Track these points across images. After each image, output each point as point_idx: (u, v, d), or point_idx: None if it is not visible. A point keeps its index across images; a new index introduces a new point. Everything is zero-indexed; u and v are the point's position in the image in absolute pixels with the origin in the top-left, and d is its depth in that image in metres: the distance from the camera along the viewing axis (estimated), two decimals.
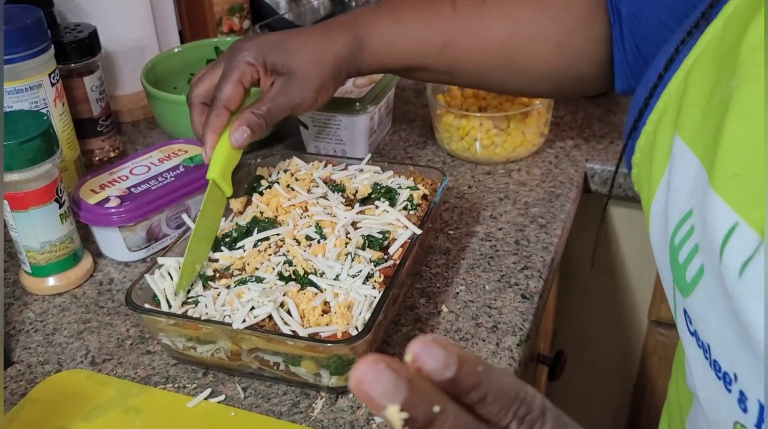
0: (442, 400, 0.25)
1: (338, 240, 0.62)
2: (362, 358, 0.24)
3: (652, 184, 0.46)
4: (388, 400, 0.24)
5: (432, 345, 0.25)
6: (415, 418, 0.24)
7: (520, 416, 0.26)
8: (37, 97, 0.74)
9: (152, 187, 0.72)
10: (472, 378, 0.25)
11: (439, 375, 0.25)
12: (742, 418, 0.37)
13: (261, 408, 0.57)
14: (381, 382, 0.24)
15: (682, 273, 0.41)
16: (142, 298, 0.59)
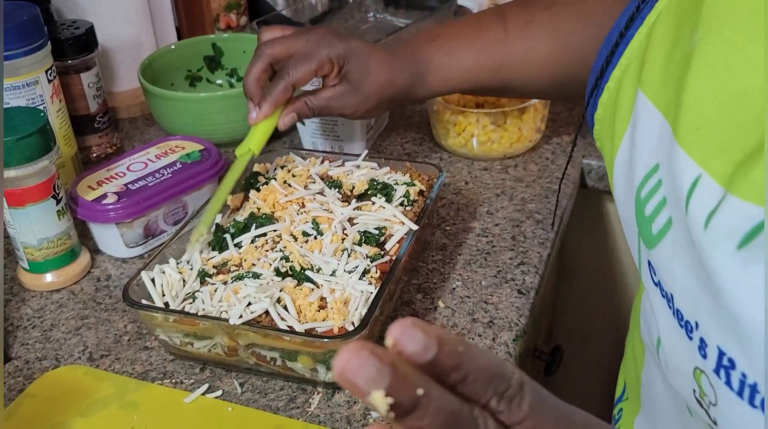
0: (425, 383, 0.25)
1: (335, 236, 0.62)
2: (344, 346, 0.24)
3: (615, 140, 0.47)
4: (372, 386, 0.24)
5: (412, 328, 0.25)
6: (401, 403, 0.24)
7: (500, 392, 0.27)
8: (34, 94, 0.74)
9: (149, 183, 0.72)
10: (453, 358, 0.26)
11: (420, 357, 0.25)
12: (702, 363, 0.38)
13: (258, 403, 0.57)
14: (365, 369, 0.24)
15: (648, 226, 0.42)
16: (140, 294, 0.59)
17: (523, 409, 0.27)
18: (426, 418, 0.25)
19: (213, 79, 0.98)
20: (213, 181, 0.76)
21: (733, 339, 0.34)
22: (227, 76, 0.98)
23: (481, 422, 0.26)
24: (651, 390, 0.54)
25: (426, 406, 0.25)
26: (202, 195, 0.75)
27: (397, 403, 0.24)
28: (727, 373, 0.35)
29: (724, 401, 0.36)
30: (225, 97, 0.84)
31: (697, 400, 0.40)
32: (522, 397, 0.27)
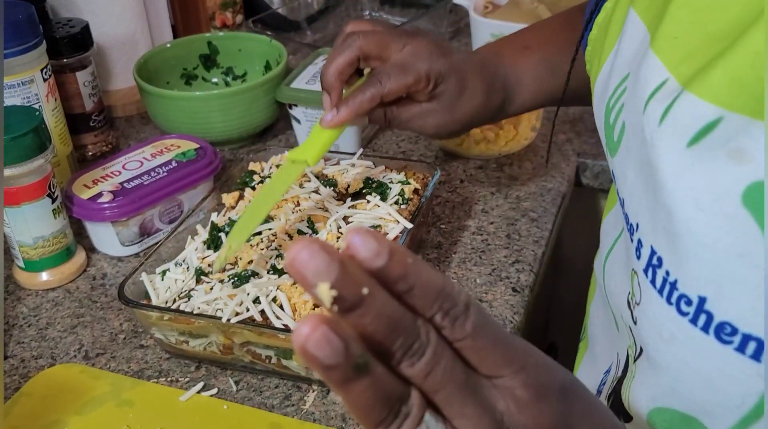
0: (371, 285, 0.26)
1: (330, 234, 0.62)
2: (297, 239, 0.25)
3: (603, 57, 0.48)
4: (319, 277, 0.24)
5: (366, 235, 0.26)
6: (345, 297, 0.25)
7: (445, 309, 0.28)
8: (30, 93, 0.74)
9: (145, 182, 0.72)
10: (401, 268, 0.26)
11: (371, 262, 0.26)
12: (636, 264, 0.39)
13: (253, 401, 0.57)
14: (314, 261, 0.24)
15: (611, 133, 0.43)
16: (135, 292, 0.59)
17: (466, 328, 0.28)
18: (368, 316, 0.26)
19: (209, 77, 0.98)
20: (208, 179, 0.76)
21: (665, 237, 0.36)
22: (223, 74, 0.98)
23: (423, 332, 0.27)
24: (594, 321, 0.56)
25: (369, 305, 0.26)
26: (198, 193, 0.75)
27: (341, 297, 0.25)
28: (654, 272, 0.37)
29: (646, 299, 0.38)
30: (221, 95, 0.84)
31: (628, 302, 0.42)
32: (466, 317, 0.28)
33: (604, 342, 0.53)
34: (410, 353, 0.27)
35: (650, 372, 0.40)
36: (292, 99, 0.84)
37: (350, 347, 0.25)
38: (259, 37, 0.96)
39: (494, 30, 0.97)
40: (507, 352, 0.29)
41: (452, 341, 0.28)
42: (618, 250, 0.47)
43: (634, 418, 0.42)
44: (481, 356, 0.29)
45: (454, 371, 0.28)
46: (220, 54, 0.97)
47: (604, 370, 0.51)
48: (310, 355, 0.25)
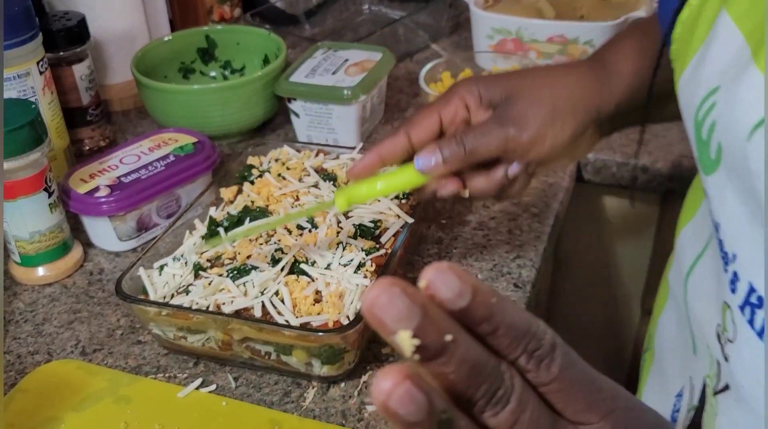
0: (454, 330, 0.24)
1: (330, 229, 0.62)
2: (376, 281, 0.24)
3: (687, 58, 0.44)
4: (400, 325, 0.23)
5: (447, 272, 0.24)
6: (427, 346, 0.23)
7: (530, 351, 0.26)
8: (25, 86, 0.73)
9: (142, 176, 0.71)
10: (485, 309, 0.25)
11: (453, 304, 0.24)
12: (730, 298, 0.36)
13: (252, 398, 0.57)
14: (394, 307, 0.23)
15: (707, 150, 0.39)
16: (133, 288, 0.58)
17: (553, 371, 0.26)
18: (451, 365, 0.24)
19: (206, 71, 0.97)
20: (207, 174, 0.75)
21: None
22: (221, 68, 0.97)
23: (507, 377, 0.26)
24: (663, 334, 0.53)
25: (452, 353, 0.24)
26: (196, 188, 0.74)
27: (423, 346, 0.23)
28: (752, 312, 0.34)
29: (743, 339, 0.35)
30: (219, 89, 0.83)
31: (717, 335, 0.38)
32: (552, 359, 0.26)
33: (674, 361, 0.50)
34: (494, 401, 0.25)
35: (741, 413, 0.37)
36: (290, 93, 0.83)
37: (434, 402, 0.23)
38: (257, 30, 0.96)
39: (495, 24, 0.96)
40: (594, 395, 0.27)
41: (537, 385, 0.27)
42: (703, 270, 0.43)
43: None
44: (567, 400, 0.27)
45: (540, 420, 0.26)
46: (218, 48, 0.96)
47: (674, 393, 0.49)
48: (392, 412, 0.23)
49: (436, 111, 0.55)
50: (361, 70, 0.85)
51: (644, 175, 0.85)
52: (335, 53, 0.89)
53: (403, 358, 0.24)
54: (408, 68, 1.04)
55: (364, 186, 0.54)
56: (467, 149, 0.52)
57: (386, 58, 0.87)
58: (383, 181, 0.54)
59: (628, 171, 0.86)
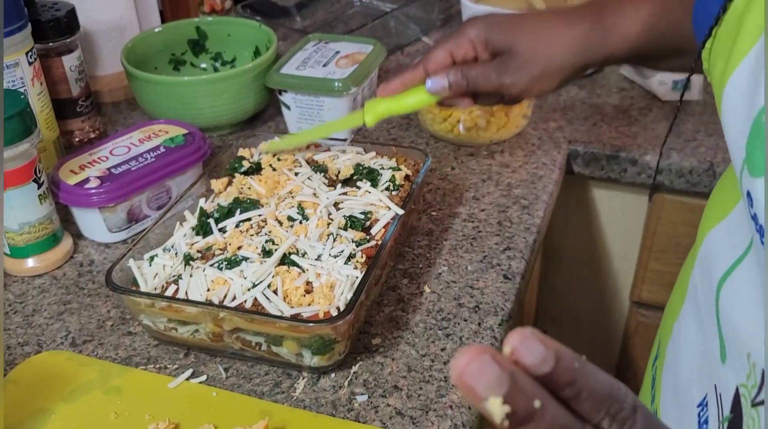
0: (542, 396, 0.25)
1: (320, 220, 0.62)
2: (464, 348, 0.24)
3: (735, 55, 0.43)
4: (491, 392, 0.23)
5: (531, 338, 0.25)
6: (517, 412, 0.24)
7: (612, 413, 0.26)
8: (15, 76, 0.73)
9: (132, 167, 0.71)
10: (569, 374, 0.25)
11: (537, 369, 0.25)
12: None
13: (243, 388, 0.57)
14: (485, 375, 0.23)
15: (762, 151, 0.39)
16: (123, 279, 0.58)
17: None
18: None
19: (197, 62, 0.97)
20: (197, 165, 0.75)
21: None
22: (211, 60, 0.97)
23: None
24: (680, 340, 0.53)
25: (541, 418, 0.24)
26: (187, 179, 0.74)
27: (513, 412, 0.24)
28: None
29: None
30: (209, 80, 0.83)
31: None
32: (634, 422, 0.27)
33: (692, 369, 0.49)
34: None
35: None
36: (281, 85, 0.83)
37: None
38: (248, 22, 0.95)
39: None
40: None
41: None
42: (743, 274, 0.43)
43: None
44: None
45: None
46: (208, 39, 0.96)
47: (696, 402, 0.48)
48: None
49: (449, 50, 0.64)
50: (352, 63, 0.85)
51: (633, 168, 0.86)
52: (326, 45, 0.89)
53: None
54: (399, 61, 1.04)
55: (385, 103, 0.66)
56: (468, 82, 0.63)
57: (377, 50, 0.87)
58: (400, 99, 0.65)
59: (618, 163, 0.86)
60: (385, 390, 0.56)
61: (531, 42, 0.62)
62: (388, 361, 0.58)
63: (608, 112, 0.92)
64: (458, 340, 0.60)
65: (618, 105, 0.93)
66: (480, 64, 0.63)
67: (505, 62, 0.62)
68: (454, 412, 0.54)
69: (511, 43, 0.62)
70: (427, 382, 0.56)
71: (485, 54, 0.64)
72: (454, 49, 0.63)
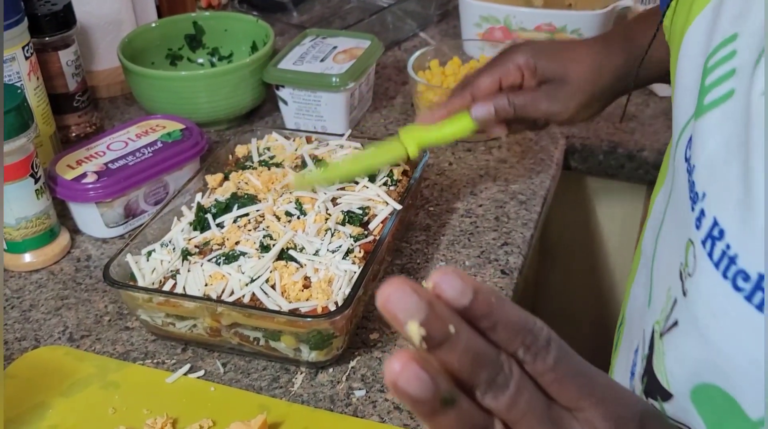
0: (457, 323, 0.27)
1: (318, 216, 0.62)
2: (389, 280, 0.27)
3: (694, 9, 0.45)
4: (410, 317, 0.26)
5: (451, 275, 0.27)
6: (433, 336, 0.27)
7: (527, 344, 0.29)
8: (11, 71, 0.73)
9: (130, 162, 0.71)
10: (485, 307, 0.28)
11: (456, 302, 0.27)
12: (694, 234, 0.39)
13: (241, 383, 0.57)
14: (405, 302, 0.26)
15: (703, 95, 0.41)
16: (120, 274, 0.58)
17: (548, 363, 0.29)
18: (455, 353, 0.27)
19: (194, 58, 0.97)
20: (194, 160, 0.75)
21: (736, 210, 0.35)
22: (208, 55, 0.97)
23: (506, 366, 0.28)
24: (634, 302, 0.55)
25: (455, 342, 0.27)
26: (184, 175, 0.74)
27: (429, 335, 0.26)
28: (713, 244, 0.36)
29: (700, 271, 0.37)
30: (207, 75, 0.83)
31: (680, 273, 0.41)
32: (548, 351, 0.29)
33: (636, 321, 0.52)
34: (494, 386, 0.28)
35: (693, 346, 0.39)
36: (279, 80, 0.83)
37: (438, 383, 0.27)
38: (245, 17, 0.95)
39: (483, 12, 0.96)
40: (587, 384, 0.30)
41: (534, 375, 0.29)
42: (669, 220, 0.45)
43: (675, 396, 0.41)
44: (561, 389, 0.30)
45: (536, 403, 0.29)
46: (205, 34, 0.96)
47: (633, 349, 0.50)
48: (401, 390, 0.27)
49: (497, 76, 0.65)
50: (349, 58, 0.85)
51: (630, 163, 0.86)
52: (323, 41, 0.89)
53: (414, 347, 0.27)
54: (396, 56, 1.04)
55: (427, 132, 0.65)
56: (516, 110, 0.64)
57: (374, 45, 0.87)
58: (441, 127, 0.65)
59: (615, 159, 0.86)
60: (383, 385, 0.56)
61: (579, 70, 0.64)
62: (387, 356, 0.58)
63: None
64: None
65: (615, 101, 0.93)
66: (527, 91, 0.65)
67: (554, 90, 0.64)
68: None
69: (561, 70, 0.64)
70: None
71: (532, 81, 0.65)
72: (503, 76, 0.65)
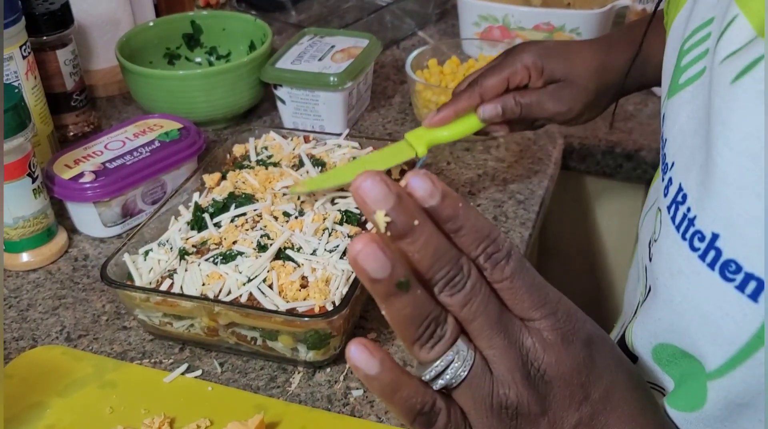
0: (422, 218, 0.29)
1: (316, 215, 0.62)
2: (363, 172, 0.28)
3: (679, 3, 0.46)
4: (377, 205, 0.28)
5: (423, 177, 0.29)
6: (396, 224, 0.28)
7: (489, 253, 0.31)
8: (8, 70, 0.73)
9: (127, 162, 0.71)
10: (452, 210, 0.30)
11: (424, 201, 0.29)
12: (662, 201, 0.40)
13: (238, 383, 0.57)
14: (375, 190, 0.28)
15: (678, 74, 0.42)
16: (118, 273, 0.58)
17: (506, 272, 0.31)
18: (416, 244, 0.29)
19: (192, 57, 0.97)
20: (192, 159, 0.75)
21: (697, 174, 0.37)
22: (206, 54, 0.97)
23: (465, 268, 0.30)
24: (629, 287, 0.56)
25: (418, 234, 0.29)
26: (181, 174, 0.74)
27: (393, 223, 0.28)
28: (676, 208, 0.38)
29: (664, 235, 0.39)
30: (204, 75, 0.83)
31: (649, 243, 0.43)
32: (507, 262, 0.31)
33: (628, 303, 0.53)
34: (451, 284, 0.30)
35: (654, 308, 0.40)
36: (277, 79, 0.83)
37: (395, 266, 0.29)
38: (243, 16, 0.95)
39: (481, 11, 0.96)
40: (540, 297, 0.32)
41: (491, 282, 0.31)
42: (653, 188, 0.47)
43: (639, 358, 0.43)
44: (516, 299, 0.31)
45: (489, 306, 0.31)
46: (203, 33, 0.96)
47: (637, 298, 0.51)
48: (360, 268, 0.28)
49: (505, 76, 0.66)
50: (347, 57, 0.85)
51: (628, 163, 0.86)
52: (321, 40, 0.89)
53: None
54: (394, 55, 1.04)
55: (434, 133, 0.66)
56: (522, 110, 0.66)
57: (373, 44, 0.87)
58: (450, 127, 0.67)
59: (613, 159, 0.86)
60: None
61: (584, 70, 0.66)
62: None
63: None
64: None
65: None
66: (534, 91, 0.66)
67: (560, 90, 0.66)
68: None
69: (567, 71, 0.65)
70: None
71: (539, 81, 0.66)
72: (511, 76, 0.65)
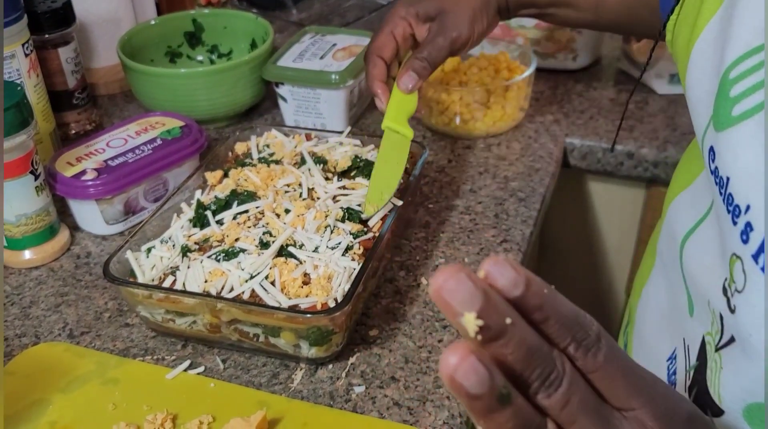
0: (513, 315, 0.26)
1: (318, 212, 0.62)
2: (442, 267, 0.26)
3: (700, 20, 0.45)
4: (465, 307, 0.25)
5: (504, 264, 0.27)
6: (489, 327, 0.25)
7: (579, 339, 0.28)
8: (11, 68, 0.73)
9: (129, 159, 0.71)
10: (538, 299, 0.27)
11: (509, 292, 0.27)
12: (741, 248, 0.37)
13: (240, 379, 0.57)
14: (461, 291, 0.25)
15: (729, 107, 0.40)
16: (120, 271, 0.58)
17: (599, 360, 0.29)
18: (510, 346, 0.26)
19: (193, 55, 0.97)
20: (194, 157, 0.75)
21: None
22: (208, 52, 0.97)
23: (559, 362, 0.28)
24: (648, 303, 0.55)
25: (511, 335, 0.26)
26: (183, 172, 0.74)
27: (486, 327, 0.25)
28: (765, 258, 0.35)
29: (753, 286, 0.36)
30: (206, 73, 0.83)
31: (724, 289, 0.40)
32: (599, 348, 0.28)
33: (662, 326, 0.50)
34: (547, 383, 0.28)
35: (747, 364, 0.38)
36: (278, 77, 0.83)
37: (495, 378, 0.26)
38: (244, 14, 0.95)
39: None
40: (636, 382, 0.30)
41: (584, 372, 0.29)
42: (704, 231, 0.44)
43: (726, 412, 0.41)
44: (612, 387, 0.29)
45: (589, 403, 0.29)
46: (205, 32, 0.96)
47: (665, 357, 0.49)
48: (457, 385, 0.25)
49: (389, 31, 0.69)
50: (348, 55, 0.85)
51: (629, 161, 0.86)
52: (323, 38, 0.89)
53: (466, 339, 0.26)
54: None
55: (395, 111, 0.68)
56: (430, 62, 0.68)
57: None
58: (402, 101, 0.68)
59: (614, 157, 0.86)
60: (383, 381, 0.56)
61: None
62: (386, 352, 0.59)
63: (604, 105, 0.92)
64: (455, 332, 0.60)
65: (614, 98, 0.94)
66: (426, 42, 0.68)
67: (441, 22, 0.68)
68: (451, 403, 0.54)
69: (440, 6, 0.69)
70: (424, 373, 0.57)
71: (420, 26, 0.70)
72: (394, 29, 0.69)
